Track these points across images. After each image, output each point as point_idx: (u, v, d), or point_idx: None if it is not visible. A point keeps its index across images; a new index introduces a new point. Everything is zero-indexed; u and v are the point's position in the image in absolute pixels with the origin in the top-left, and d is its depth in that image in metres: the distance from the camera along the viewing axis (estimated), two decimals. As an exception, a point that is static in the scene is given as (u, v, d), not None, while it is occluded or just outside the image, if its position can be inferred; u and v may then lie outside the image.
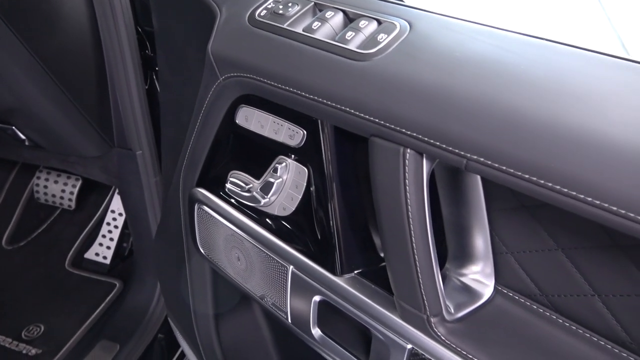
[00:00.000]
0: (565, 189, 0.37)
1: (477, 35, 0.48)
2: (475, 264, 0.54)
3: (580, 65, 0.42)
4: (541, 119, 0.39)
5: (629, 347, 0.46)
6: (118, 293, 1.46)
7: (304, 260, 0.62)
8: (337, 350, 0.63)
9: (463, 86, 0.44)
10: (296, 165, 0.60)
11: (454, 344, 0.50)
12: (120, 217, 1.57)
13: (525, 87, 0.41)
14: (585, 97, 0.39)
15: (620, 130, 0.36)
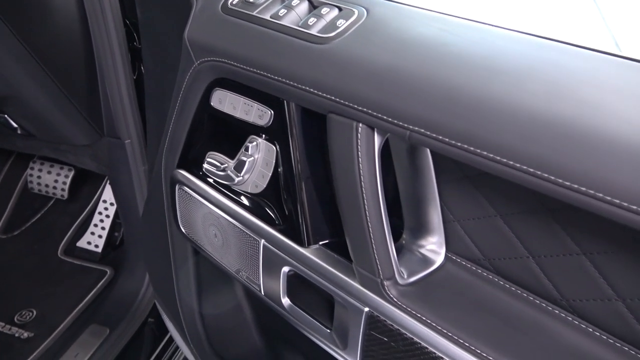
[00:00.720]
0: (498, 157, 0.41)
1: (426, 21, 0.53)
2: (428, 234, 0.58)
3: (514, 46, 0.47)
4: (474, 93, 0.43)
5: (559, 304, 0.50)
6: (109, 280, 1.50)
7: (274, 233, 0.67)
8: (305, 318, 0.68)
9: (409, 66, 0.48)
10: (266, 143, 0.65)
11: (405, 305, 0.55)
12: (112, 207, 1.61)
13: (463, 66, 0.46)
14: (511, 72, 0.43)
15: (538, 100, 0.40)
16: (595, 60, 0.43)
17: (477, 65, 0.45)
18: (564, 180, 0.38)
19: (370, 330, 0.58)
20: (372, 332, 0.58)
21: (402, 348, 0.56)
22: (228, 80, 0.65)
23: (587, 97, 0.39)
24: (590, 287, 0.47)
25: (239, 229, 0.71)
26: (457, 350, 0.51)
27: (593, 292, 0.47)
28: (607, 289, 0.46)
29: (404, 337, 0.55)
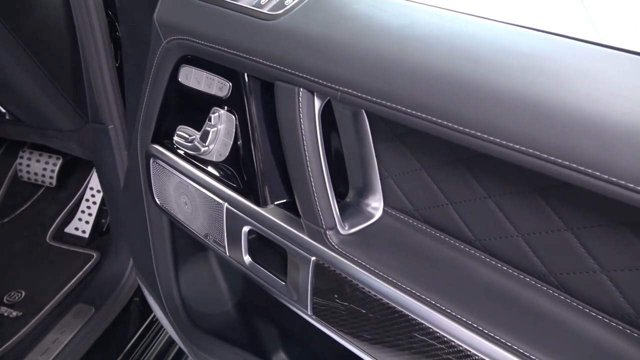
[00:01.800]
0: (413, 110, 0.48)
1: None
2: (368, 191, 0.65)
3: (429, 18, 0.54)
4: (392, 57, 0.50)
5: (474, 244, 0.57)
6: (95, 263, 1.56)
7: (235, 196, 0.73)
8: (264, 273, 0.74)
9: (340, 36, 0.55)
10: (226, 114, 0.71)
11: (346, 252, 0.61)
12: (99, 194, 1.67)
13: (384, 35, 0.53)
14: (424, 39, 0.50)
15: (440, 60, 0.47)
16: (496, 29, 0.50)
17: (396, 34, 0.52)
18: (464, 127, 0.45)
19: (317, 277, 0.65)
20: (318, 279, 0.65)
21: (345, 292, 0.63)
22: (193, 56, 0.72)
23: (474, 51, 0.46)
24: (497, 229, 0.54)
25: (205, 195, 0.78)
26: (393, 291, 0.58)
27: (499, 232, 0.54)
28: (509, 226, 0.53)
29: (346, 281, 0.62)
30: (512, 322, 0.52)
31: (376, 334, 0.62)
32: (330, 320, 0.67)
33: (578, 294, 0.51)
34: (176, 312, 1.06)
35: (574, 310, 0.51)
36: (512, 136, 0.42)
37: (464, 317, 0.53)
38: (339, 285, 0.63)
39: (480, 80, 0.44)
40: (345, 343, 0.69)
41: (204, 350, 1.03)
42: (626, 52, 0.43)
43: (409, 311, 0.56)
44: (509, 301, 0.53)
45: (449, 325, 0.53)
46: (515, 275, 0.54)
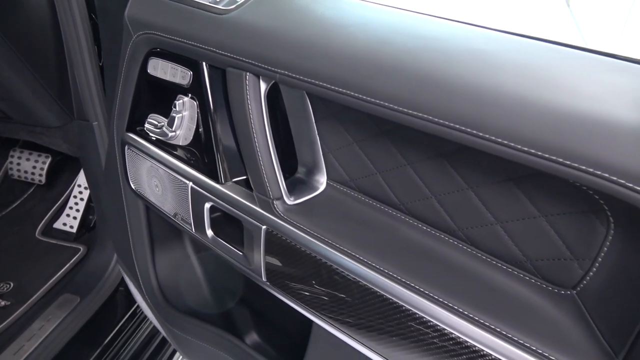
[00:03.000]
0: (339, 88, 0.56)
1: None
2: (313, 165, 0.73)
3: (359, 11, 0.62)
4: (321, 42, 0.58)
5: (398, 207, 0.65)
6: (82, 256, 1.63)
7: (199, 176, 0.81)
8: (224, 246, 0.81)
9: (281, 26, 0.63)
10: (189, 101, 0.79)
11: (291, 219, 0.69)
12: (86, 191, 1.75)
13: (318, 24, 0.61)
14: (349, 26, 0.58)
15: (359, 43, 0.55)
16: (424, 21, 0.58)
17: (327, 23, 0.60)
18: (379, 100, 0.52)
19: (268, 245, 0.72)
20: (269, 246, 0.72)
21: (293, 257, 0.70)
22: (159, 49, 0.80)
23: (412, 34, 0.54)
24: (416, 193, 0.62)
25: (173, 176, 0.85)
26: (333, 253, 0.65)
27: (417, 195, 0.62)
28: (425, 189, 0.61)
29: (293, 247, 0.69)
30: (431, 273, 0.59)
31: (322, 295, 0.69)
32: (283, 285, 0.74)
33: (482, 246, 0.58)
34: (153, 294, 1.12)
35: (479, 260, 0.58)
36: (410, 104, 0.50)
37: (391, 272, 0.60)
38: (286, 250, 0.71)
39: (390, 60, 0.52)
40: (299, 308, 0.75)
41: (178, 327, 1.10)
42: (556, 44, 0.50)
43: (348, 271, 0.63)
44: (427, 255, 0.61)
45: (382, 280, 0.60)
46: (432, 233, 0.62)
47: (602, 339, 0.49)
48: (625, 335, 0.46)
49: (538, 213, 0.52)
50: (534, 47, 0.49)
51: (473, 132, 0.46)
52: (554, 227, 0.51)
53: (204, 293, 1.16)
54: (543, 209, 0.51)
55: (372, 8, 0.62)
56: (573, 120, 0.42)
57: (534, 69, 0.47)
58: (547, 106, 0.44)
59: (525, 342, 0.51)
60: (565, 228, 0.50)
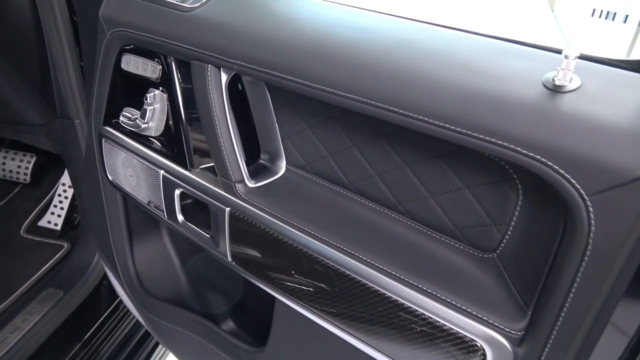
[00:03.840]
0: (289, 76, 0.62)
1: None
2: (273, 151, 0.79)
3: (306, 6, 0.68)
4: (274, 35, 0.64)
5: (348, 187, 0.70)
6: (66, 252, 1.67)
7: (169, 164, 0.86)
8: (193, 229, 0.87)
9: (239, 22, 0.69)
10: (160, 93, 0.85)
11: (252, 200, 0.74)
12: (70, 190, 1.79)
13: (272, 19, 0.67)
14: (297, 20, 0.64)
15: (305, 35, 0.61)
16: None
17: (280, 18, 0.66)
18: (323, 85, 0.58)
19: (232, 225, 0.78)
20: (233, 227, 0.78)
21: (254, 236, 0.76)
22: (131, 45, 0.86)
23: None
24: (363, 172, 0.67)
25: (146, 166, 0.91)
26: (291, 231, 0.70)
27: (364, 174, 0.67)
28: (369, 169, 0.66)
29: (254, 226, 0.75)
30: (375, 245, 0.65)
31: (281, 271, 0.74)
32: (246, 264, 0.80)
33: (418, 218, 0.64)
34: (131, 282, 1.17)
35: (416, 231, 0.64)
36: (347, 88, 0.56)
37: (341, 245, 0.65)
38: (248, 230, 0.76)
39: (331, 50, 0.58)
40: (261, 285, 0.81)
41: (155, 314, 1.14)
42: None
43: (303, 246, 0.69)
44: (372, 229, 0.67)
45: (332, 253, 0.66)
46: (376, 209, 0.68)
47: (516, 294, 0.55)
48: (534, 289, 0.52)
49: (462, 185, 0.57)
50: (453, 37, 0.56)
51: (400, 111, 0.52)
52: (476, 197, 0.57)
53: (181, 281, 1.21)
54: (466, 181, 0.57)
55: (319, 4, 0.68)
56: (483, 98, 0.48)
57: (452, 55, 0.53)
58: (461, 87, 0.50)
59: (453, 301, 0.56)
60: (484, 197, 0.56)
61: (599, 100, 0.45)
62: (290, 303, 0.76)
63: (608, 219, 0.43)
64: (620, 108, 0.44)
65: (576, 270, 0.46)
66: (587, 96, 0.45)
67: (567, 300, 0.48)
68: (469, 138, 0.49)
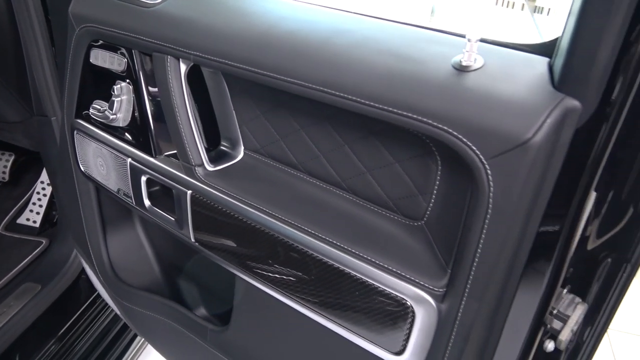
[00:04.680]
0: (242, 65, 0.67)
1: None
2: (231, 137, 0.84)
3: (259, 2, 0.74)
4: (225, 27, 0.70)
5: (299, 168, 0.76)
6: (44, 248, 1.70)
7: (135, 152, 0.91)
8: (160, 214, 0.92)
9: (195, 16, 0.74)
10: (126, 85, 0.90)
11: (212, 182, 0.80)
12: (49, 187, 1.82)
13: (225, 13, 0.72)
14: (247, 13, 0.70)
15: (250, 26, 0.67)
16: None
17: (232, 12, 0.72)
18: (274, 73, 0.64)
19: (193, 207, 0.83)
20: (194, 209, 0.83)
21: (214, 216, 0.81)
22: (99, 40, 0.91)
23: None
24: (310, 153, 0.73)
25: (114, 155, 0.96)
26: (246, 210, 0.76)
27: (311, 154, 0.73)
28: (315, 149, 0.72)
29: (213, 206, 0.80)
30: (323, 219, 0.70)
31: (239, 248, 0.80)
32: (208, 244, 0.85)
33: (359, 192, 0.70)
34: (104, 270, 1.21)
35: (357, 205, 0.70)
36: (290, 73, 0.62)
37: (294, 221, 0.71)
38: (209, 211, 0.81)
39: (276, 40, 0.64)
40: (222, 263, 0.86)
41: (127, 300, 1.19)
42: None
43: (259, 224, 0.74)
44: (320, 205, 0.72)
45: (285, 229, 0.71)
46: (323, 187, 0.74)
47: (439, 256, 0.61)
48: (452, 250, 0.59)
49: (393, 160, 0.64)
50: (381, 26, 0.62)
51: (336, 92, 0.58)
52: (404, 170, 0.63)
53: (153, 269, 1.26)
54: (396, 156, 0.63)
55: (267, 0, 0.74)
56: (402, 78, 0.55)
57: (379, 42, 0.59)
58: (385, 69, 0.56)
59: (387, 265, 0.62)
60: (411, 170, 0.62)
61: (498, 77, 0.51)
62: (248, 278, 0.82)
63: (503, 179, 0.49)
64: (515, 84, 0.50)
65: (481, 228, 0.52)
66: (488, 74, 0.52)
67: (476, 255, 0.54)
68: (393, 114, 0.55)
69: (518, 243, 0.53)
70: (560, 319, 0.62)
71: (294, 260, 0.72)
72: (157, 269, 1.25)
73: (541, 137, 0.46)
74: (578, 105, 0.47)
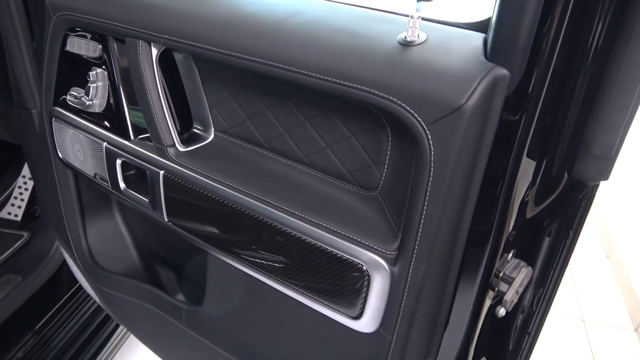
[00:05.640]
0: (208, 46, 0.71)
1: None
2: (202, 119, 0.88)
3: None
4: (191, 10, 0.74)
5: (265, 146, 0.80)
6: (25, 241, 1.72)
7: (111, 136, 0.94)
8: (135, 196, 0.95)
9: (165, 1, 0.78)
10: (101, 71, 0.93)
11: (183, 162, 0.83)
12: (30, 181, 1.84)
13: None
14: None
15: (215, 8, 0.71)
16: None
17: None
18: (237, 52, 0.67)
19: (166, 187, 0.86)
20: (167, 188, 0.86)
21: (186, 195, 0.84)
22: (75, 27, 0.94)
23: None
24: (275, 132, 0.77)
25: (91, 139, 0.99)
26: (217, 187, 0.79)
27: (276, 133, 0.77)
28: (279, 127, 0.76)
29: (185, 185, 0.83)
30: (287, 193, 0.74)
31: (211, 226, 0.83)
32: (181, 222, 0.88)
33: (320, 167, 0.74)
34: (83, 258, 1.24)
35: (318, 179, 0.74)
36: (250, 51, 0.66)
37: (260, 196, 0.74)
38: (180, 190, 0.85)
39: (239, 21, 0.68)
40: (195, 242, 0.89)
41: (106, 285, 1.21)
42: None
43: (229, 200, 0.78)
44: (284, 181, 0.76)
45: (253, 204, 0.75)
46: (287, 163, 0.78)
47: (392, 222, 0.65)
48: (402, 215, 0.63)
49: (349, 134, 0.68)
50: (334, 7, 0.66)
51: (293, 69, 0.62)
52: (360, 143, 0.67)
53: (131, 255, 1.28)
54: (351, 130, 0.67)
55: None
56: (353, 53, 0.59)
57: (332, 21, 0.63)
58: (338, 45, 0.60)
59: (345, 232, 0.66)
60: (366, 143, 0.67)
61: (438, 51, 0.56)
62: (218, 255, 0.85)
63: (441, 144, 0.54)
64: (452, 56, 0.55)
65: (425, 191, 0.57)
66: (429, 48, 0.56)
67: (421, 218, 0.58)
68: (344, 87, 0.59)
69: (460, 206, 0.58)
70: (506, 282, 0.66)
71: (260, 234, 0.76)
72: (136, 255, 1.28)
73: (474, 102, 0.51)
74: (507, 74, 0.51)
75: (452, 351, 0.75)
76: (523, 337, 0.80)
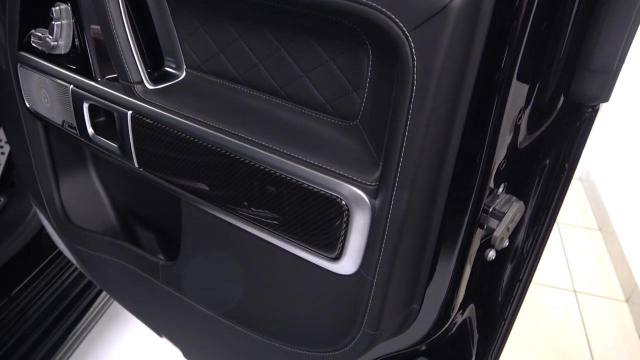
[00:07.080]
0: None
1: None
2: (174, 55, 0.81)
3: None
4: None
5: (239, 80, 0.74)
6: (1, 207, 1.66)
7: (77, 77, 0.88)
8: (104, 142, 0.89)
9: None
10: (65, 8, 0.86)
11: (151, 100, 0.77)
12: (6, 146, 1.77)
13: None
14: None
15: None
16: None
17: None
18: None
19: (135, 129, 0.80)
20: (136, 130, 0.80)
21: (157, 137, 0.79)
22: (36, -39, 0.87)
23: None
24: (248, 63, 0.71)
25: (56, 83, 0.92)
26: (188, 124, 0.74)
27: (248, 63, 0.71)
28: (253, 57, 0.70)
29: (154, 125, 0.78)
30: (261, 128, 0.69)
31: (183, 168, 0.78)
32: (152, 167, 0.83)
33: (296, 98, 0.68)
34: (57, 216, 1.18)
35: (295, 112, 0.68)
36: None
37: (234, 131, 0.69)
38: (150, 131, 0.79)
39: None
40: (167, 188, 0.84)
41: (81, 243, 1.16)
42: None
43: (199, 138, 0.72)
44: (258, 115, 0.71)
45: (227, 140, 0.69)
46: (262, 97, 0.72)
47: (373, 151, 0.60)
48: (383, 141, 0.57)
49: (327, 57, 0.62)
50: None
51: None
52: (339, 67, 0.61)
53: (108, 213, 1.23)
54: (329, 52, 0.62)
55: None
56: None
57: None
58: None
59: (321, 164, 0.61)
60: (345, 65, 0.61)
61: None
62: (191, 200, 0.80)
63: (425, 52, 0.48)
64: None
65: (407, 109, 0.51)
66: None
67: (403, 140, 0.53)
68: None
69: (446, 125, 0.52)
70: (495, 217, 0.61)
71: (234, 173, 0.70)
72: (112, 213, 1.23)
73: (461, 0, 0.45)
74: None
75: (438, 297, 0.71)
76: (514, 284, 0.76)
